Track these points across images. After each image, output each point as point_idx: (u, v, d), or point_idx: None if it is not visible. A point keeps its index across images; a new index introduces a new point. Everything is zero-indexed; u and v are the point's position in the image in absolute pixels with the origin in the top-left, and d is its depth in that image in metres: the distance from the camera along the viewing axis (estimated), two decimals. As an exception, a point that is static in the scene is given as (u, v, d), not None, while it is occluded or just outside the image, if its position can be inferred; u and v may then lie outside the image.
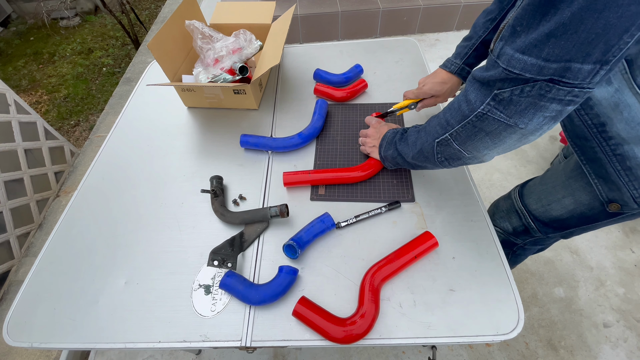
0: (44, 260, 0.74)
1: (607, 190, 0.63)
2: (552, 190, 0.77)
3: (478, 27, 0.77)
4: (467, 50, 0.79)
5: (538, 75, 0.39)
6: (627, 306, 1.26)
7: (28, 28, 3.55)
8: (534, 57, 0.38)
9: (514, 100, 0.42)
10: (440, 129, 0.56)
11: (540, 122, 0.43)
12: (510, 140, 0.48)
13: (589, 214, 0.71)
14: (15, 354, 1.28)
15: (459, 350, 1.19)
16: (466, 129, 0.51)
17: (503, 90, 0.43)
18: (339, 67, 1.10)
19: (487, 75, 0.45)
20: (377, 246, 0.69)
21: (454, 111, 0.53)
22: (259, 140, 0.87)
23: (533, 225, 0.84)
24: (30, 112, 1.70)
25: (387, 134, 0.75)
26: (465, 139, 0.52)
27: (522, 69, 0.39)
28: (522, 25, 0.39)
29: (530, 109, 0.42)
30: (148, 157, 0.91)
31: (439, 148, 0.57)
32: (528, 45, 0.38)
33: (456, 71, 0.81)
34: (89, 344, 0.61)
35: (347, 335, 0.56)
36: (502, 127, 0.46)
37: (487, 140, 0.49)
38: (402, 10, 2.37)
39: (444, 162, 0.59)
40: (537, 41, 0.37)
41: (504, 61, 0.41)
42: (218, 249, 0.69)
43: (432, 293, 0.62)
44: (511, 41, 0.40)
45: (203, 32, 0.98)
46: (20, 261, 1.55)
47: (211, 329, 0.61)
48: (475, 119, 0.48)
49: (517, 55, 0.39)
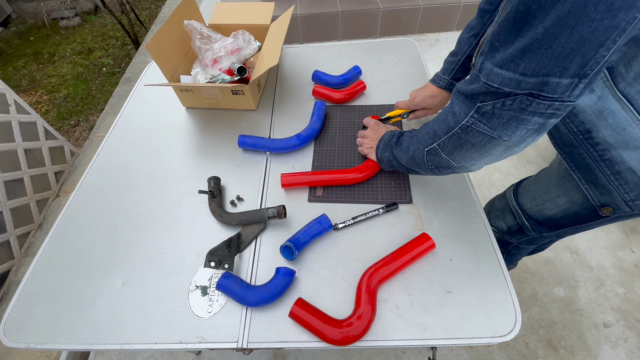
0: (41, 261, 0.74)
1: (599, 195, 0.63)
2: (546, 190, 0.77)
3: (462, 43, 0.79)
4: (453, 66, 0.81)
5: (516, 90, 0.39)
6: (627, 306, 1.26)
7: (28, 28, 3.55)
8: (512, 72, 0.38)
9: (496, 113, 0.43)
10: (429, 138, 0.56)
11: (523, 134, 0.43)
12: (496, 152, 0.48)
13: (583, 213, 0.71)
14: (15, 354, 1.28)
15: (459, 350, 1.19)
16: (452, 140, 0.51)
17: (485, 103, 0.43)
18: (337, 68, 1.10)
19: (469, 89, 0.45)
20: (374, 248, 0.69)
21: (440, 122, 0.53)
22: (257, 141, 0.87)
23: (527, 224, 0.84)
24: (30, 112, 1.70)
25: (385, 136, 0.75)
26: (452, 149, 0.52)
27: (500, 83, 0.40)
28: (500, 40, 0.39)
29: (512, 121, 0.42)
30: (146, 158, 0.91)
31: (429, 157, 0.58)
32: (505, 60, 0.39)
33: (445, 86, 0.83)
34: (86, 345, 0.62)
35: (343, 337, 0.56)
36: (487, 139, 0.46)
37: (473, 151, 0.50)
38: (402, 10, 2.37)
39: (435, 170, 0.60)
40: (514, 56, 0.38)
41: (484, 75, 0.42)
42: (215, 250, 0.69)
43: (429, 295, 0.62)
44: (490, 56, 0.41)
45: (202, 33, 0.98)
46: (20, 261, 1.56)
47: (208, 331, 0.61)
48: (460, 130, 0.49)
49: (496, 70, 0.40)
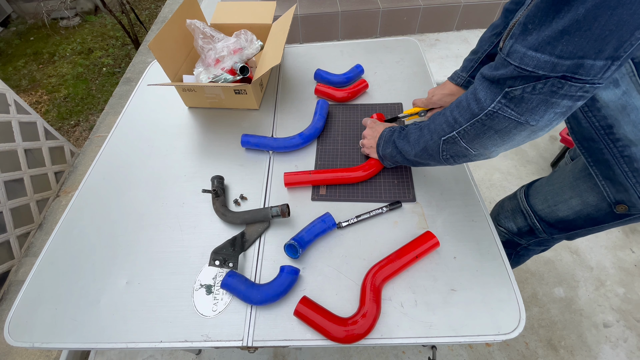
0: (45, 261, 0.73)
1: (615, 192, 0.63)
2: (559, 191, 0.76)
3: (484, 41, 0.79)
4: (472, 64, 0.81)
5: (551, 73, 0.39)
6: (627, 306, 1.26)
7: (28, 28, 3.55)
8: (547, 54, 0.38)
9: (525, 98, 0.43)
10: (447, 127, 0.55)
11: (550, 118, 0.43)
12: (520, 137, 0.48)
13: (596, 215, 0.71)
14: (15, 353, 1.28)
15: (458, 350, 1.19)
16: (475, 127, 0.51)
17: (514, 88, 0.43)
18: (339, 67, 1.10)
19: (497, 74, 0.45)
20: (378, 246, 0.69)
21: (462, 109, 0.52)
22: (260, 141, 0.87)
23: (538, 226, 0.83)
24: (30, 112, 1.70)
25: (384, 132, 0.75)
26: (474, 137, 0.52)
27: (535, 66, 0.40)
28: (534, 22, 0.39)
29: (541, 106, 0.42)
30: (149, 157, 0.91)
31: (445, 146, 0.57)
32: (541, 43, 0.38)
33: (462, 84, 0.84)
34: (91, 344, 0.61)
35: (348, 335, 0.56)
36: (513, 124, 0.46)
37: (496, 138, 0.50)
38: (402, 10, 2.37)
39: (449, 159, 0.59)
40: (551, 38, 0.38)
41: (516, 59, 0.41)
42: (219, 249, 0.69)
43: (434, 293, 0.62)
44: (522, 39, 0.40)
45: (204, 32, 0.98)
46: (20, 261, 1.55)
47: (212, 329, 0.61)
48: (485, 117, 0.48)
49: (530, 53, 0.40)
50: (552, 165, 1.68)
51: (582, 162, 0.72)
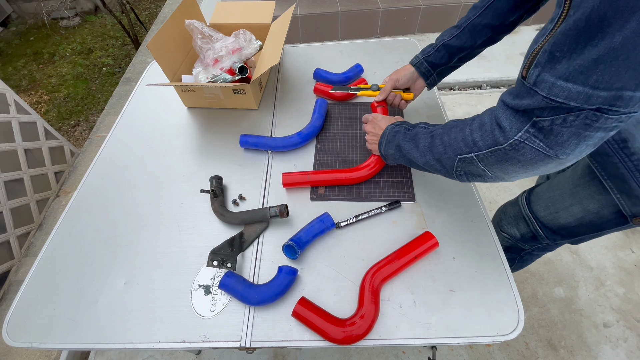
0: (43, 261, 0.73)
1: (631, 205, 0.62)
2: (560, 198, 0.75)
3: (445, 32, 0.78)
4: (429, 49, 0.80)
5: (585, 104, 0.35)
6: (627, 306, 1.26)
7: (28, 28, 3.55)
8: (580, 85, 0.35)
9: (555, 130, 0.39)
10: (465, 146, 0.51)
11: (581, 150, 0.40)
12: (545, 169, 0.45)
13: (598, 222, 0.69)
14: (15, 353, 1.28)
15: (459, 350, 1.19)
16: (496, 155, 0.47)
17: (542, 118, 0.40)
18: (338, 67, 1.10)
19: (523, 104, 0.41)
20: (377, 246, 0.69)
21: (485, 134, 0.48)
22: (259, 140, 0.87)
23: (541, 233, 0.82)
24: (30, 112, 1.70)
25: (386, 130, 0.71)
26: (494, 162, 0.48)
27: (566, 97, 0.36)
28: (563, 50, 0.36)
29: (573, 139, 0.39)
30: (148, 157, 0.91)
31: (461, 164, 0.53)
32: (572, 72, 0.35)
33: (415, 63, 0.82)
34: (89, 344, 0.61)
35: (346, 336, 0.56)
36: (540, 157, 0.42)
37: (519, 167, 0.46)
38: (402, 10, 2.37)
39: (462, 176, 0.55)
40: (583, 67, 0.34)
41: (544, 89, 0.38)
42: (217, 249, 0.69)
43: (432, 293, 0.62)
44: (549, 67, 0.37)
45: (203, 32, 0.98)
46: (20, 261, 1.55)
47: (211, 330, 0.61)
48: (509, 147, 0.44)
49: (560, 83, 0.36)
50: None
51: (580, 169, 0.71)
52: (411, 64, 0.83)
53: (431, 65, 0.80)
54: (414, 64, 0.82)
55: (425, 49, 0.82)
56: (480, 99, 2.06)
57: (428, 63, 0.80)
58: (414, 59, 0.83)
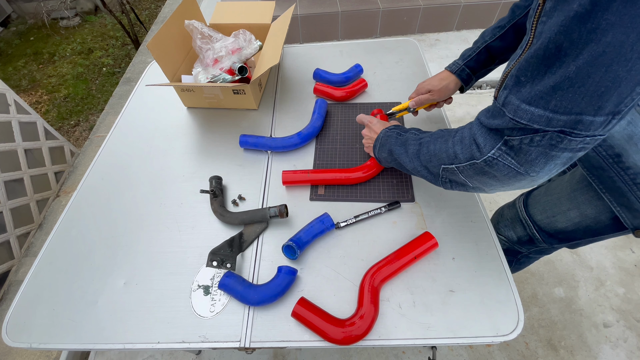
0: (43, 261, 0.73)
1: (632, 218, 0.62)
2: (557, 202, 0.75)
3: (486, 33, 0.77)
4: (470, 53, 0.79)
5: (547, 127, 0.37)
6: (627, 306, 1.26)
7: (28, 28, 3.55)
8: (541, 109, 0.37)
9: (524, 149, 0.41)
10: (447, 158, 0.53)
11: (550, 169, 0.42)
12: (519, 184, 0.46)
13: (595, 227, 0.69)
14: (15, 354, 1.28)
15: (459, 350, 1.19)
16: (474, 169, 0.49)
17: (512, 137, 0.42)
18: (338, 67, 1.10)
19: (494, 123, 0.43)
20: (376, 246, 0.69)
21: (464, 148, 0.50)
22: (258, 140, 0.87)
23: (538, 236, 0.82)
24: (30, 112, 1.70)
25: (380, 134, 0.72)
26: (473, 175, 0.50)
27: (529, 119, 0.38)
28: (527, 76, 0.38)
29: (541, 158, 0.40)
30: (147, 158, 0.91)
31: (445, 173, 0.55)
32: (534, 97, 0.37)
33: (456, 71, 0.80)
34: (89, 344, 0.61)
35: (346, 337, 0.56)
36: (512, 173, 0.44)
37: (495, 181, 0.48)
38: (402, 10, 2.37)
39: (447, 183, 0.57)
40: (543, 93, 0.36)
41: (510, 111, 0.40)
42: (217, 250, 0.69)
43: (432, 294, 0.62)
44: (516, 91, 0.39)
45: (202, 32, 0.98)
46: (20, 261, 1.55)
47: (210, 330, 0.61)
48: (483, 163, 0.46)
49: (524, 106, 0.38)
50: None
51: (579, 173, 0.70)
52: (450, 71, 0.81)
53: (472, 69, 0.79)
54: (453, 71, 0.81)
55: (464, 53, 0.80)
56: (480, 99, 2.05)
57: (469, 68, 0.79)
58: (453, 66, 0.81)
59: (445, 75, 0.82)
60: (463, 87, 0.83)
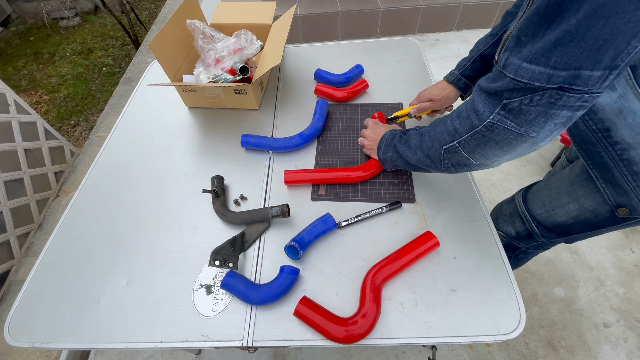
0: (45, 261, 0.73)
1: (615, 195, 0.63)
2: (557, 196, 0.76)
3: (480, 42, 0.79)
4: (465, 63, 0.82)
5: (547, 84, 0.39)
6: (627, 306, 1.26)
7: (28, 28, 3.54)
8: (542, 66, 0.38)
9: (524, 110, 0.42)
10: (448, 136, 0.55)
11: (551, 129, 0.43)
12: (521, 148, 0.47)
13: (594, 220, 0.70)
14: (15, 353, 1.28)
15: (459, 350, 1.19)
16: (475, 138, 0.50)
17: (512, 100, 0.43)
18: (339, 67, 1.10)
19: (494, 86, 0.45)
20: (378, 246, 0.69)
21: (462, 120, 0.52)
22: (260, 141, 0.87)
23: (537, 231, 0.83)
24: (30, 112, 1.69)
25: (385, 135, 0.74)
26: (475, 147, 0.51)
27: (530, 78, 0.39)
28: (527, 35, 0.39)
29: (540, 117, 0.42)
30: (149, 157, 0.91)
31: (446, 155, 0.57)
32: (535, 54, 0.38)
33: (453, 80, 0.83)
34: (91, 344, 0.61)
35: (348, 335, 0.56)
36: (513, 136, 0.45)
37: (497, 149, 0.49)
38: (402, 10, 2.37)
39: (450, 168, 0.59)
40: (544, 50, 0.38)
41: (511, 71, 0.41)
42: (219, 249, 0.69)
43: (434, 293, 0.62)
44: (517, 51, 0.40)
45: (204, 32, 0.98)
46: (20, 261, 1.55)
47: (212, 329, 0.61)
48: (484, 129, 0.48)
49: (525, 65, 0.40)
50: (552, 165, 1.68)
51: (578, 167, 0.71)
52: (447, 81, 0.84)
53: (469, 78, 0.81)
54: (450, 81, 0.83)
55: (460, 63, 0.83)
56: (480, 99, 2.06)
57: (466, 77, 0.81)
58: (449, 76, 0.84)
59: (444, 85, 0.85)
60: (463, 96, 0.86)
